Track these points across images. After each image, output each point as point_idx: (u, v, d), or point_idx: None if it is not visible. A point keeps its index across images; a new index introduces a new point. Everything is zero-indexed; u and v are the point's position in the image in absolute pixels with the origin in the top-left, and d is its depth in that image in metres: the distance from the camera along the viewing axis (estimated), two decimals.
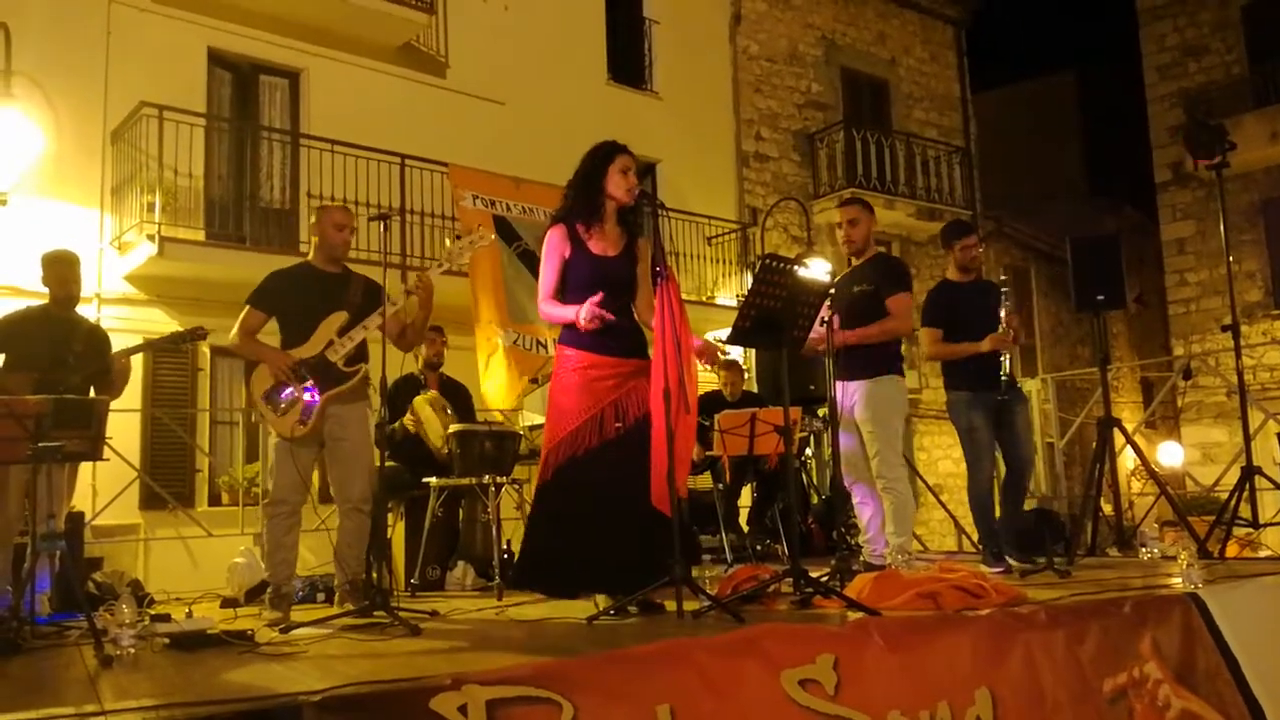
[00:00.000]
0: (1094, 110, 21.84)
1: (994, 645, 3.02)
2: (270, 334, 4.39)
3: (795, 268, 3.55)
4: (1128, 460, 15.69)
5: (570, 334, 3.75)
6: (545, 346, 8.58)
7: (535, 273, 9.14)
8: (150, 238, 7.96)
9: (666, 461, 3.39)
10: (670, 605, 3.43)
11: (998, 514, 4.98)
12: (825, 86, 14.45)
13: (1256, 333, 14.67)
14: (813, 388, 7.19)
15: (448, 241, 4.67)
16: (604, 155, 3.85)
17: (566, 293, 3.75)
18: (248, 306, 4.24)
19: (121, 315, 8.37)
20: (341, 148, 8.93)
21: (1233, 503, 4.93)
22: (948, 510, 8.24)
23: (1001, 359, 4.69)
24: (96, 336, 4.79)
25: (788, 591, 3.68)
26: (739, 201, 13.02)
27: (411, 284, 4.21)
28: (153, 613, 3.93)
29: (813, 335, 3.99)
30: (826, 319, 3.94)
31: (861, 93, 15.00)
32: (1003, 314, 4.74)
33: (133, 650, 3.12)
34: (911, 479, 9.68)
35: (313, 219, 4.40)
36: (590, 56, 11.82)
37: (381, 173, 9.22)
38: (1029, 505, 7.34)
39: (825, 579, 3.77)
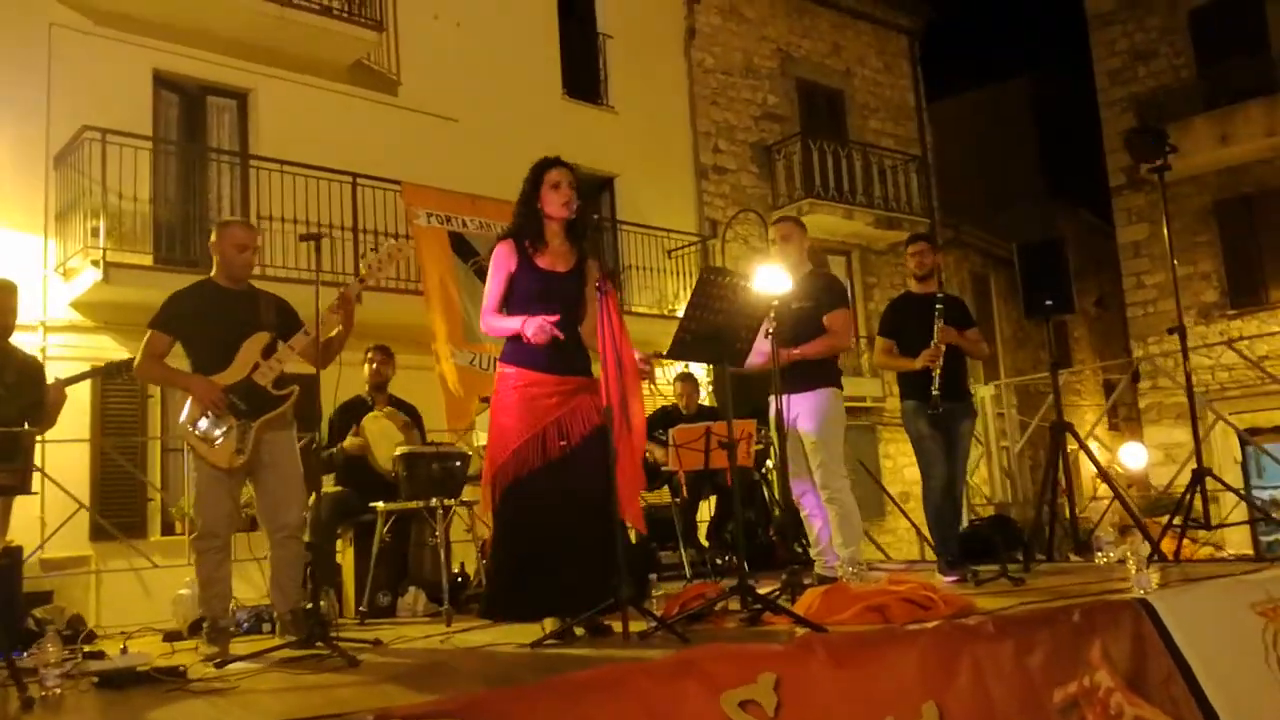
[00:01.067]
0: (1048, 116, 22.10)
1: (941, 658, 2.97)
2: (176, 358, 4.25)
3: (737, 281, 3.50)
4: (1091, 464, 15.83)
5: (511, 351, 3.69)
6: None
7: None
8: (95, 263, 7.82)
9: (625, 479, 3.34)
10: (619, 627, 3.36)
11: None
12: (781, 98, 14.50)
13: (1213, 333, 14.83)
14: (767, 401, 7.16)
15: (368, 254, 4.55)
16: (535, 173, 3.79)
17: (512, 307, 3.68)
18: (150, 331, 4.05)
19: (68, 343, 8.21)
20: (292, 168, 8.82)
21: (1186, 504, 4.94)
22: (909, 519, 8.22)
23: (932, 374, 4.72)
24: (31, 367, 4.65)
25: (737, 609, 3.62)
26: (699, 214, 13.01)
27: (333, 303, 4.11)
28: (87, 649, 3.81)
29: (757, 352, 3.96)
30: (771, 332, 3.89)
31: (818, 104, 15.07)
32: (935, 330, 4.76)
33: (59, 690, 3.00)
34: (875, 488, 9.72)
35: (212, 236, 4.20)
36: (544, 71, 11.79)
37: (334, 192, 9.13)
38: (987, 513, 7.39)
39: (776, 594, 3.71)
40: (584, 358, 3.76)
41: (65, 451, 7.69)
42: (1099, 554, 5.32)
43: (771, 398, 4.09)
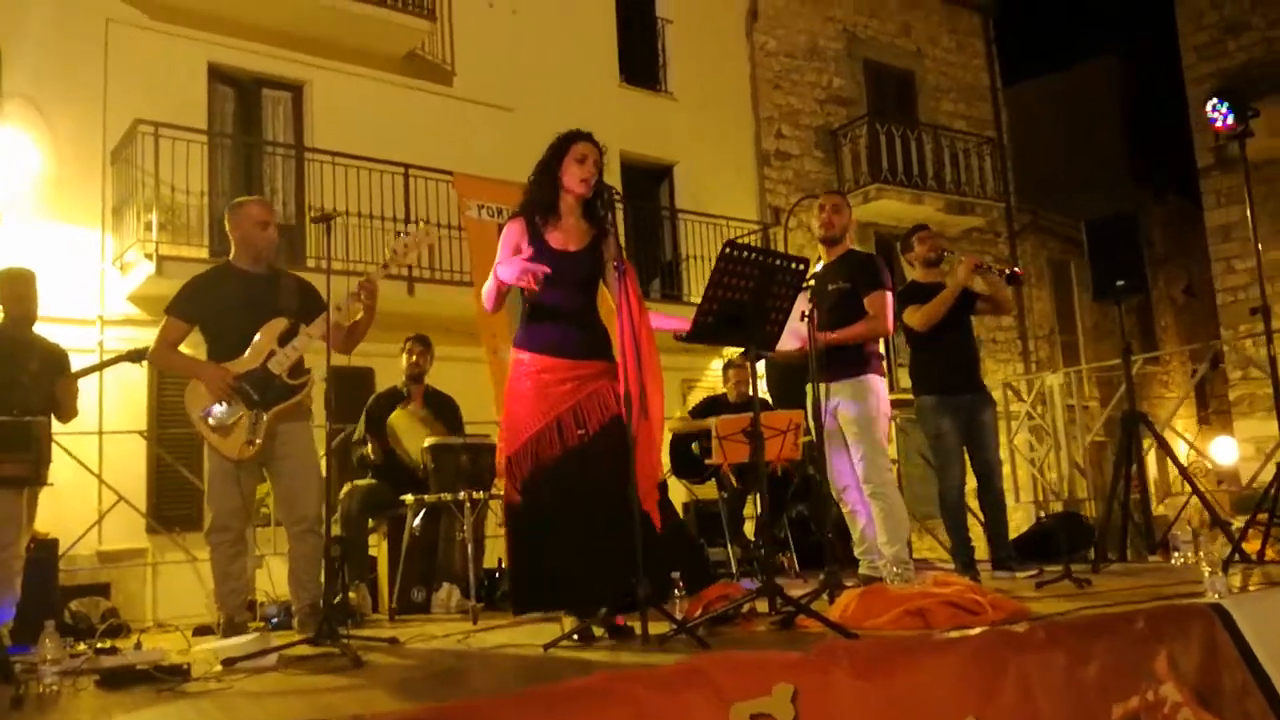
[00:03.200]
0: (1132, 97, 21.20)
1: (982, 670, 2.69)
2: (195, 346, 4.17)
3: (761, 257, 3.25)
4: (1180, 453, 15.09)
5: (524, 336, 3.50)
6: None
7: None
8: (149, 256, 7.87)
9: (644, 471, 3.14)
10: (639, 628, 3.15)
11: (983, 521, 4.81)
12: (848, 80, 14.08)
13: None
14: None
15: (393, 239, 4.37)
16: (560, 144, 3.60)
17: (524, 292, 3.50)
18: (166, 318, 3.97)
19: (125, 336, 8.28)
20: (345, 160, 8.79)
21: (1272, 499, 4.53)
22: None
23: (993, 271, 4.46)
24: (55, 356, 4.62)
25: (767, 612, 3.38)
26: (760, 201, 12.70)
27: (354, 289, 3.98)
28: (99, 645, 3.74)
29: (791, 334, 3.71)
30: (808, 314, 3.63)
31: (886, 86, 14.61)
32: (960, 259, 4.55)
33: (56, 688, 2.91)
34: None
35: (227, 220, 4.10)
36: (601, 58, 11.60)
37: (387, 184, 9.07)
38: (1056, 508, 6.99)
39: (811, 595, 3.46)
40: (602, 341, 3.55)
41: (120, 444, 7.78)
42: (1175, 554, 4.93)
43: (809, 386, 3.83)
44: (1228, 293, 15.32)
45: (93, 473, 6.90)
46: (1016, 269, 4.72)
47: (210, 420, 3.83)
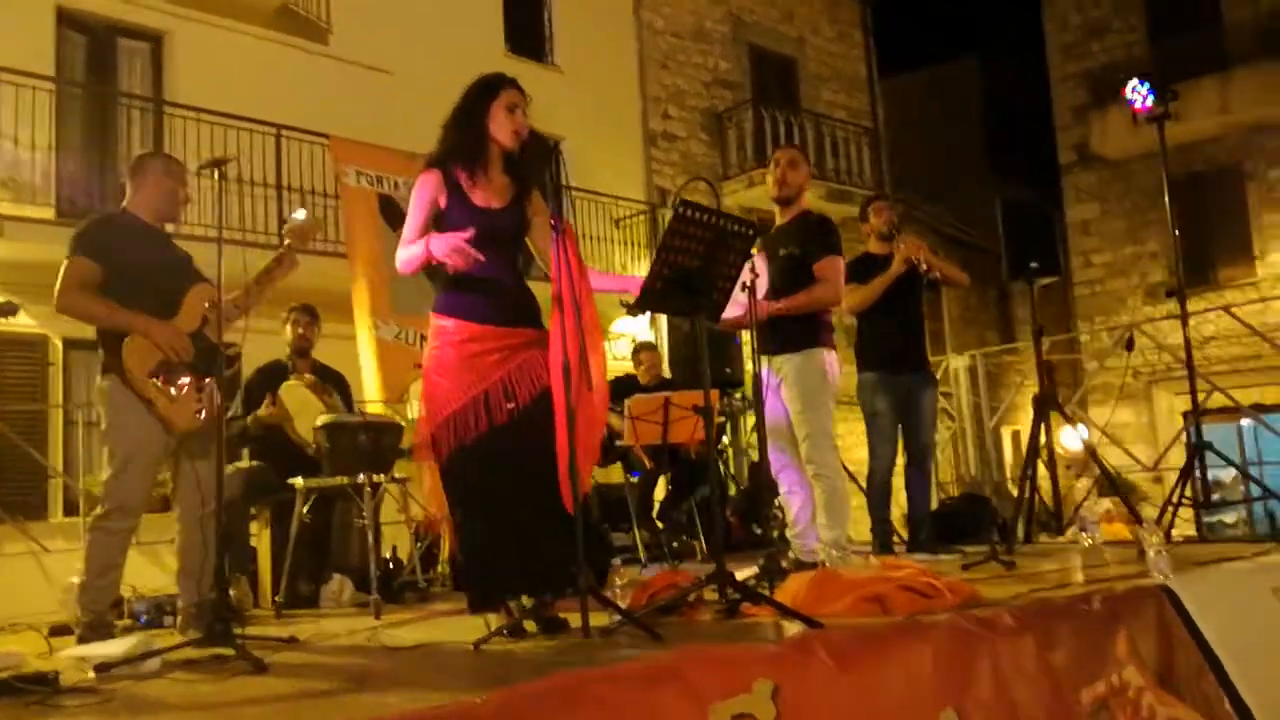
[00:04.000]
0: (994, 95, 21.95)
1: (957, 657, 2.53)
2: None
3: (716, 219, 3.01)
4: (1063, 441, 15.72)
5: (446, 301, 3.15)
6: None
7: None
8: None
9: (566, 450, 2.84)
10: (576, 620, 2.88)
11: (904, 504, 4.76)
12: (733, 64, 14.03)
13: (1160, 313, 14.75)
14: (729, 370, 6.72)
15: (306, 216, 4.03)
16: (485, 89, 3.26)
17: None
18: (72, 259, 3.41)
19: None
20: (210, 116, 8.12)
21: (1185, 480, 4.60)
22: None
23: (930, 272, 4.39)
24: None
25: (710, 599, 3.16)
26: (647, 182, 12.51)
27: (269, 265, 3.62)
28: None
29: (733, 303, 3.49)
30: (749, 284, 3.41)
31: (769, 71, 14.63)
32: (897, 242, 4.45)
33: None
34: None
35: (140, 170, 3.64)
36: (486, 25, 11.15)
37: (256, 145, 8.44)
38: (956, 491, 7.07)
39: (752, 581, 3.26)
40: (532, 306, 3.24)
41: None
42: (1084, 534, 4.97)
43: (750, 359, 3.61)
44: (1085, 285, 16.04)
45: None
46: (935, 275, 4.62)
47: (165, 383, 3.35)
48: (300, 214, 3.83)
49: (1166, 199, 5.23)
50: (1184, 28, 14.41)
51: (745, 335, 12.44)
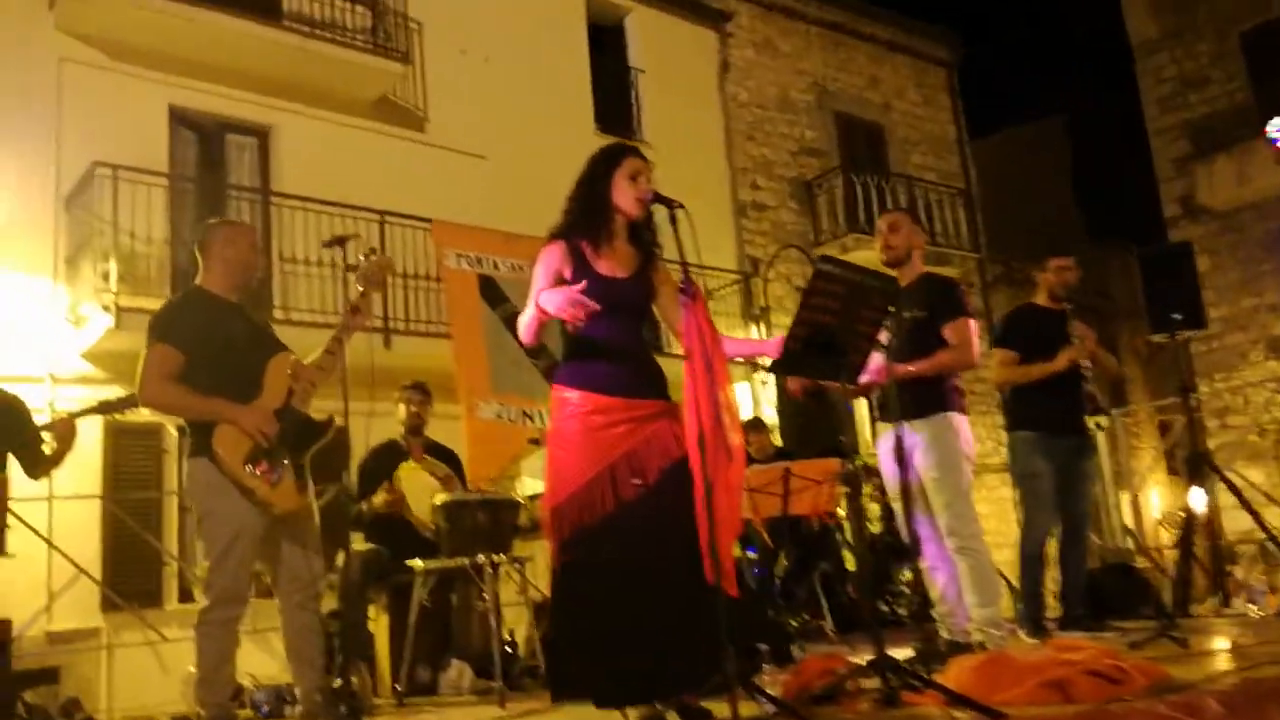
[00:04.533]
0: (1086, 153, 21.51)
1: None
2: None
3: (853, 274, 2.85)
4: (1152, 508, 14.91)
5: (569, 372, 3.04)
6: (533, 419, 7.87)
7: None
8: (106, 308, 7.28)
9: (725, 523, 2.68)
10: (721, 710, 2.66)
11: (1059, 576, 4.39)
12: (820, 132, 13.97)
13: None
14: (842, 439, 6.49)
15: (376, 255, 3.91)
16: (608, 159, 3.19)
17: (565, 325, 3.06)
18: (155, 346, 3.30)
19: (79, 397, 7.63)
20: (316, 205, 8.31)
21: None
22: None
23: (1085, 385, 4.07)
24: (14, 408, 4.04)
25: (868, 686, 2.91)
26: (739, 251, 12.43)
27: (340, 324, 3.53)
28: None
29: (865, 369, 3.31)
30: (885, 343, 3.22)
31: (857, 138, 14.53)
32: (1073, 331, 4.15)
33: None
34: None
35: (207, 242, 3.52)
36: (576, 106, 11.31)
37: (361, 232, 8.58)
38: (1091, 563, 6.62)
39: (912, 666, 3.00)
40: (658, 377, 3.11)
41: (73, 510, 7.11)
42: (1253, 606, 4.58)
43: (888, 427, 3.39)
44: (1201, 341, 15.31)
45: (46, 540, 6.23)
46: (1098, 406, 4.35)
47: (260, 471, 3.24)
48: (368, 256, 3.66)
49: None
50: None
51: (858, 402, 12.13)
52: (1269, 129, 4.79)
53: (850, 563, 6.83)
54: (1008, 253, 16.63)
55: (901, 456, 3.22)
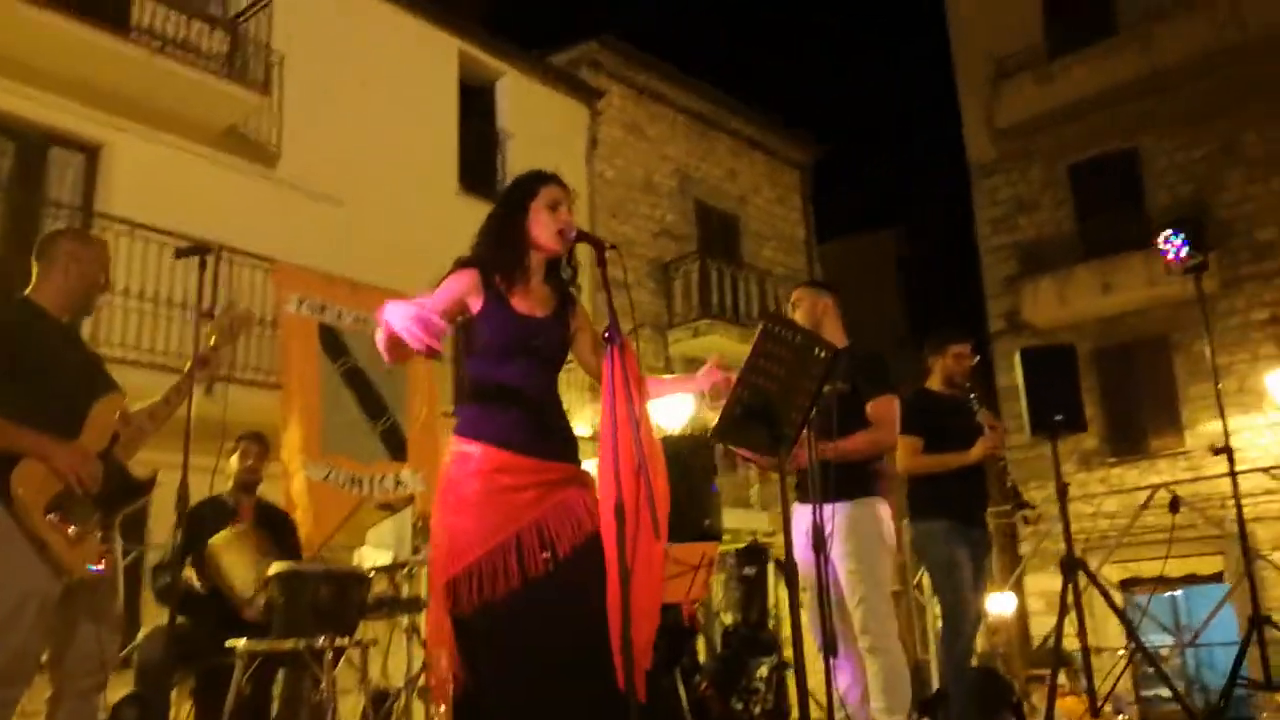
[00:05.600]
0: (915, 265, 22.65)
1: None
2: None
3: (799, 337, 2.56)
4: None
5: (471, 423, 2.61)
6: (362, 485, 7.26)
7: (361, 395, 7.89)
8: None
9: (643, 615, 2.28)
10: None
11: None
12: (679, 217, 14.08)
13: (1094, 480, 14.78)
14: (708, 522, 6.17)
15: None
16: (524, 187, 2.80)
17: (474, 364, 2.65)
18: None
19: None
20: (145, 232, 7.53)
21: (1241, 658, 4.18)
22: None
23: (1008, 478, 3.94)
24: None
25: None
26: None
27: (190, 367, 3.05)
28: None
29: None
30: (809, 420, 2.94)
31: (714, 226, 14.73)
32: (981, 420, 4.02)
33: None
34: None
35: (50, 250, 2.98)
36: (440, 162, 10.93)
37: (192, 266, 7.82)
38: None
39: None
40: (571, 439, 2.73)
41: None
42: (1121, 716, 4.49)
43: (806, 508, 3.09)
44: (1019, 449, 16.03)
45: None
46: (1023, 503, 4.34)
47: (63, 520, 2.65)
48: (229, 304, 3.27)
49: (1209, 351, 5.00)
50: (1110, 205, 15.03)
51: (724, 482, 11.88)
52: (1159, 241, 4.85)
53: (703, 655, 6.49)
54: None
55: (820, 542, 2.93)
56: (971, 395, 4.25)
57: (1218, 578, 13.44)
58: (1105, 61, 14.96)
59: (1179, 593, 14.26)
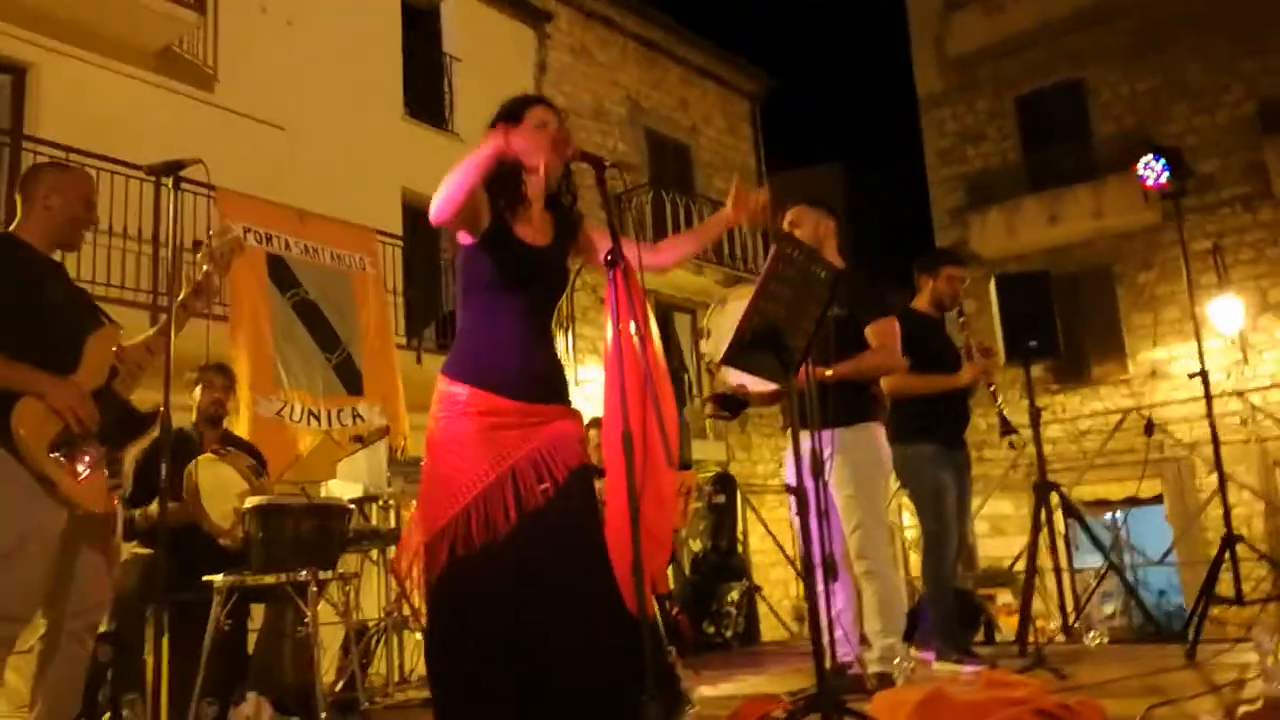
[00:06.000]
0: (863, 197, 22.70)
1: None
2: None
3: (808, 259, 2.49)
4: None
5: (461, 363, 2.51)
6: (319, 419, 7.08)
7: (313, 327, 7.65)
8: None
9: (654, 541, 2.23)
10: None
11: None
12: (631, 146, 13.84)
13: (1042, 404, 15.09)
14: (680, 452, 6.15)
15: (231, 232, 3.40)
16: (510, 113, 2.70)
17: (474, 293, 2.55)
18: None
19: None
20: (80, 157, 7.13)
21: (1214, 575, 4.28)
22: None
23: (998, 403, 3.95)
24: None
25: None
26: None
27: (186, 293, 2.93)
28: None
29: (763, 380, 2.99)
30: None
31: (666, 156, 14.53)
32: (972, 343, 4.02)
33: None
34: None
35: (33, 184, 2.91)
36: (385, 86, 10.54)
37: (133, 193, 7.48)
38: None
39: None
40: (562, 379, 2.65)
41: None
42: (1092, 633, 4.61)
43: (800, 433, 3.03)
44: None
45: None
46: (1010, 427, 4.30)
47: (70, 459, 2.60)
48: (222, 228, 3.16)
49: (1186, 280, 5.03)
50: (1055, 138, 15.12)
51: (691, 413, 11.85)
52: (1139, 166, 4.83)
53: (674, 582, 6.53)
54: None
55: (818, 468, 2.89)
56: (961, 318, 4.24)
57: (1158, 499, 13.88)
58: None
59: (1119, 514, 14.73)
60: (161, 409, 2.67)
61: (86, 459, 2.62)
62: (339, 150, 9.36)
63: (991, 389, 4.30)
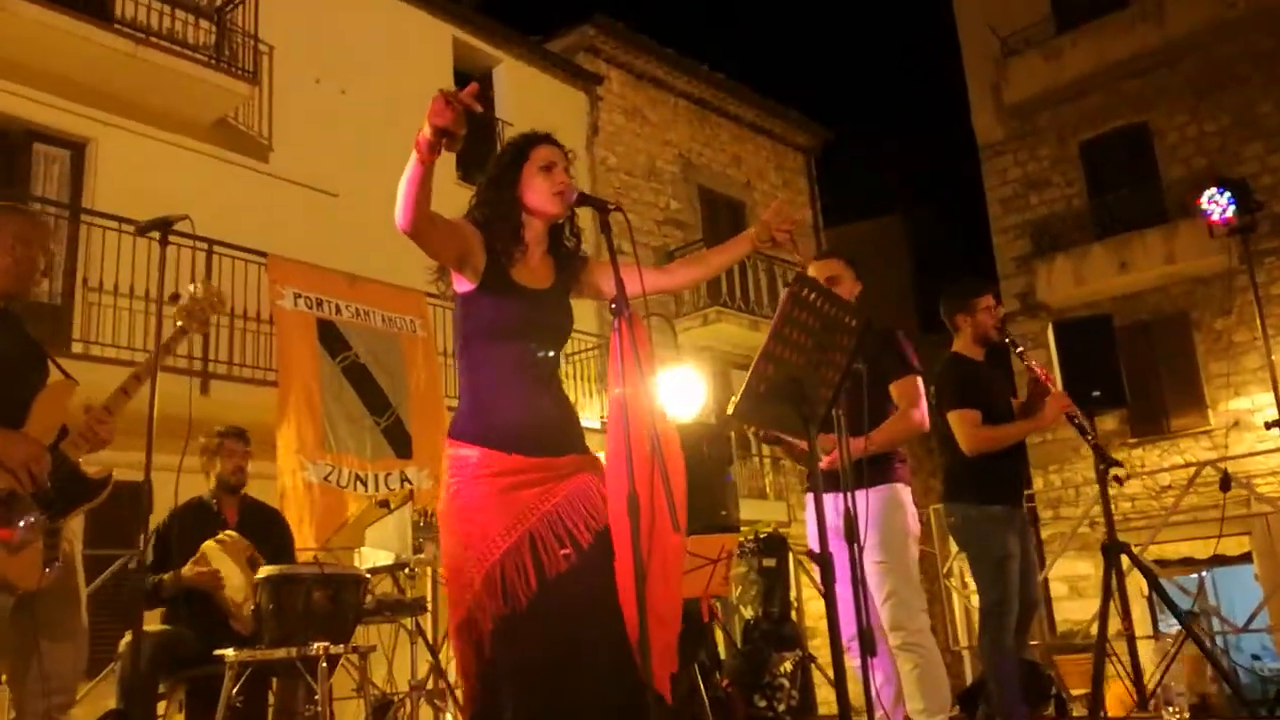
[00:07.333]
0: (925, 249, 22.36)
1: None
2: None
3: (828, 303, 2.30)
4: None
5: (469, 422, 2.37)
6: (365, 484, 7.03)
7: (363, 390, 7.61)
8: None
9: (663, 614, 2.03)
10: None
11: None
12: (684, 204, 13.80)
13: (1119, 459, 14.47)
14: (724, 513, 5.92)
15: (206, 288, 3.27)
16: (514, 152, 2.58)
17: (474, 340, 2.41)
18: None
19: None
20: (132, 228, 7.26)
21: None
22: None
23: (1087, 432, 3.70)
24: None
25: None
26: (599, 317, 11.91)
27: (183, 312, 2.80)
28: None
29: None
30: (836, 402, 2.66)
31: (719, 212, 14.46)
32: (1035, 368, 3.77)
33: None
34: None
35: (2, 228, 2.76)
36: None
37: (184, 261, 7.58)
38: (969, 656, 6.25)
39: None
40: (576, 425, 2.48)
41: None
42: (1169, 709, 4.23)
43: (832, 497, 2.81)
44: (1035, 434, 15.74)
45: None
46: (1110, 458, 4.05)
47: (4, 521, 2.41)
48: (195, 287, 3.13)
49: (1258, 311, 4.71)
50: (1122, 183, 14.71)
51: (738, 472, 11.57)
52: (1202, 200, 4.54)
53: (723, 652, 6.25)
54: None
55: (852, 532, 2.66)
56: (1018, 349, 3.94)
57: (1246, 558, 13.15)
58: (1114, 35, 14.66)
59: (1205, 574, 13.97)
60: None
61: (20, 526, 2.43)
62: (390, 214, 9.43)
63: (1076, 422, 3.96)
